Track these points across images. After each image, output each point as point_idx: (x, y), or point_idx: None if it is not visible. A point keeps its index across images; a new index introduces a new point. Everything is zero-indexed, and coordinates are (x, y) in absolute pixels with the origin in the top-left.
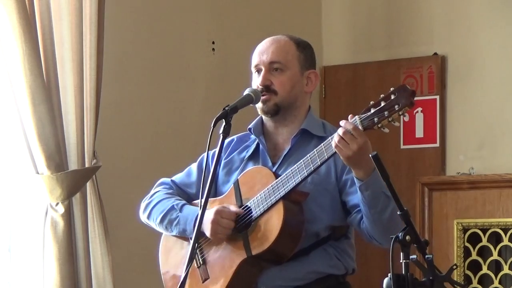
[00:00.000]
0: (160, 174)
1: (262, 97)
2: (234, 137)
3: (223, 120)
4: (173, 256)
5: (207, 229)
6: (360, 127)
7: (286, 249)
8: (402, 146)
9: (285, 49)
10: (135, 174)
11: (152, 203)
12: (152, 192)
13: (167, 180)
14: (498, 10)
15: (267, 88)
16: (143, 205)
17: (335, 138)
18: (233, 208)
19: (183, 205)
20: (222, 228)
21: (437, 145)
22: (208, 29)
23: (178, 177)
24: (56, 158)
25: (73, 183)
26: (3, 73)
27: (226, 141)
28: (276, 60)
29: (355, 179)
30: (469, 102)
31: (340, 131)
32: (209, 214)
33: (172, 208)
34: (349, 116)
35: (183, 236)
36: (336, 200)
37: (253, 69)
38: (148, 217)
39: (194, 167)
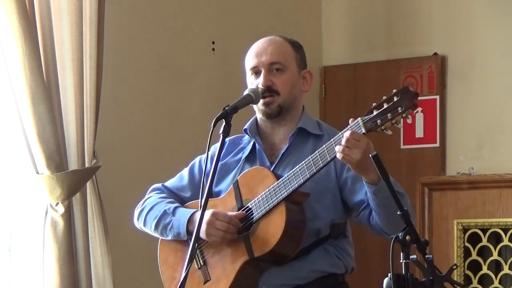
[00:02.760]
0: (160, 174)
1: (265, 100)
2: (226, 139)
3: (223, 120)
4: (172, 258)
5: (202, 230)
6: (363, 129)
7: (289, 250)
8: (402, 146)
9: (283, 50)
10: (135, 174)
11: (145, 210)
12: (144, 198)
13: (158, 185)
14: (498, 10)
15: (269, 88)
16: (136, 212)
17: (339, 148)
18: (231, 212)
19: (175, 208)
20: (216, 230)
21: (437, 145)
22: (208, 29)
23: (170, 182)
24: (56, 158)
25: (73, 183)
26: (3, 73)
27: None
28: (276, 60)
29: (366, 184)
30: (469, 102)
31: (342, 140)
32: (206, 215)
33: (164, 212)
34: (350, 120)
35: (178, 239)
36: (337, 197)
37: (249, 72)
38: (144, 224)
39: (185, 171)
